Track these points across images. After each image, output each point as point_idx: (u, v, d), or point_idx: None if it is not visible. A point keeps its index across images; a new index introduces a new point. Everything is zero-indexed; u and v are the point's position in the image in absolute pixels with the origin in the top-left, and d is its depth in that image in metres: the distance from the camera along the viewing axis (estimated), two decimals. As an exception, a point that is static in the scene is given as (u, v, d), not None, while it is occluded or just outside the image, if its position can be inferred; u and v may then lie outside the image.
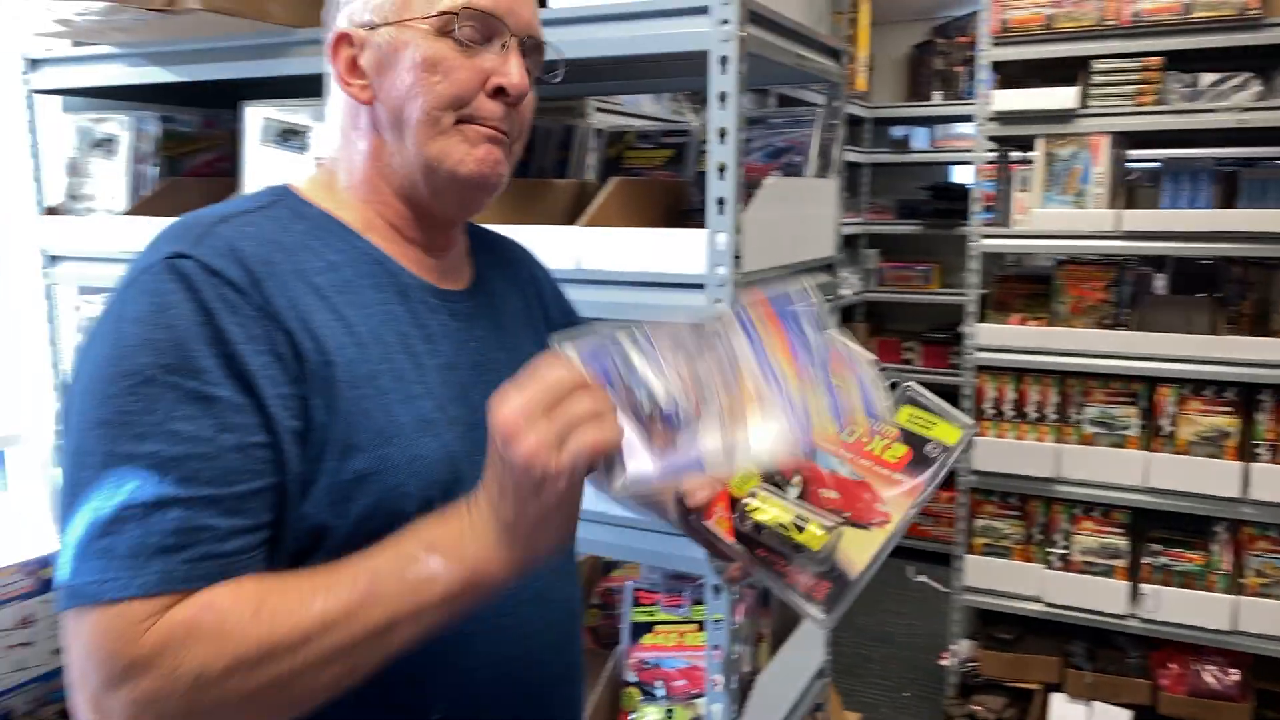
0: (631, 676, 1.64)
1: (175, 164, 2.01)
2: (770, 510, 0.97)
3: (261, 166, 1.73)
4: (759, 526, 0.97)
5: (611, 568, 1.95)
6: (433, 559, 0.78)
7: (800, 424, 0.82)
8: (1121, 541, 2.89)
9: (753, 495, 0.98)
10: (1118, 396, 2.88)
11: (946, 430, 0.95)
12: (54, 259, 2.04)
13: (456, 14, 0.92)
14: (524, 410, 0.74)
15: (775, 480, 0.99)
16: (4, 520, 2.28)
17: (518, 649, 0.98)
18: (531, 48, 0.97)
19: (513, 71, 0.93)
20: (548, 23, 1.41)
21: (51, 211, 2.03)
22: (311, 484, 0.84)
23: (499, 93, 0.93)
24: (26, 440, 2.24)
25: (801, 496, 0.97)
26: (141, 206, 1.91)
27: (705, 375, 0.80)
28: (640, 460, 0.78)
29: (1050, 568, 2.97)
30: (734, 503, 0.99)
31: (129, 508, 0.76)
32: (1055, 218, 2.90)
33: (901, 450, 0.95)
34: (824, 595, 0.94)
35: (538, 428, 0.73)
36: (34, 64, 1.99)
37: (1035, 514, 3.03)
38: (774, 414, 0.81)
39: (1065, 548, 2.97)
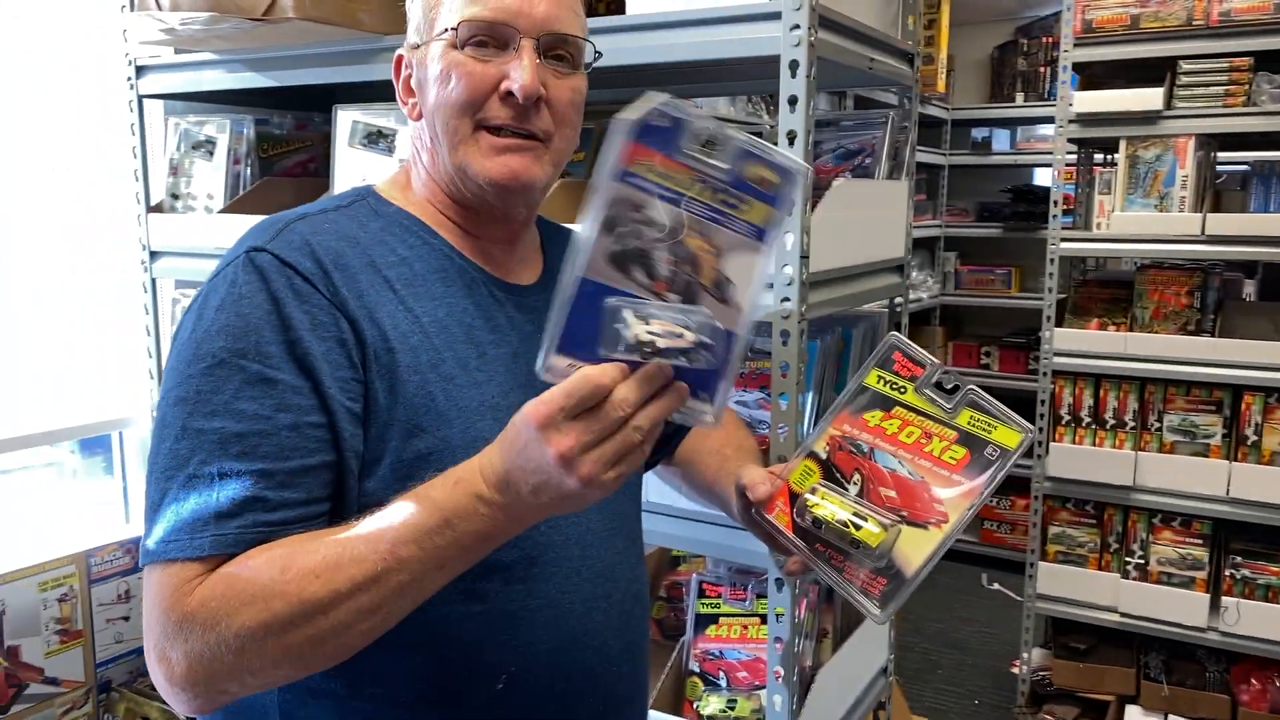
0: (695, 666, 1.68)
1: (269, 165, 2.11)
2: (829, 506, 1.00)
3: (350, 167, 1.81)
4: (818, 522, 1.00)
5: (678, 562, 1.98)
6: (451, 528, 0.80)
7: (752, 239, 0.80)
8: (1202, 552, 2.82)
9: (813, 491, 1.01)
10: (1200, 404, 2.82)
11: (1006, 434, 0.97)
12: (155, 254, 2.15)
13: (457, 28, 0.96)
14: (564, 418, 0.75)
15: (835, 477, 1.02)
16: (110, 500, 2.42)
17: (578, 625, 1.01)
18: (550, 44, 0.98)
19: (519, 74, 0.95)
20: (625, 29, 1.47)
21: (154, 209, 2.15)
22: (376, 462, 0.91)
23: (510, 95, 0.96)
24: (132, 424, 2.37)
25: (861, 494, 1.00)
26: (237, 205, 2.00)
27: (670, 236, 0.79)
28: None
29: (1127, 577, 2.92)
30: (794, 498, 1.02)
31: (195, 478, 0.84)
32: (1137, 221, 2.84)
33: (961, 452, 0.97)
34: (880, 591, 0.97)
35: (586, 443, 0.75)
36: (140, 70, 2.11)
37: (1112, 522, 2.97)
38: (733, 249, 0.80)
39: (1143, 557, 2.91)
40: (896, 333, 1.02)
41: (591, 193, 0.77)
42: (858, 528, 0.98)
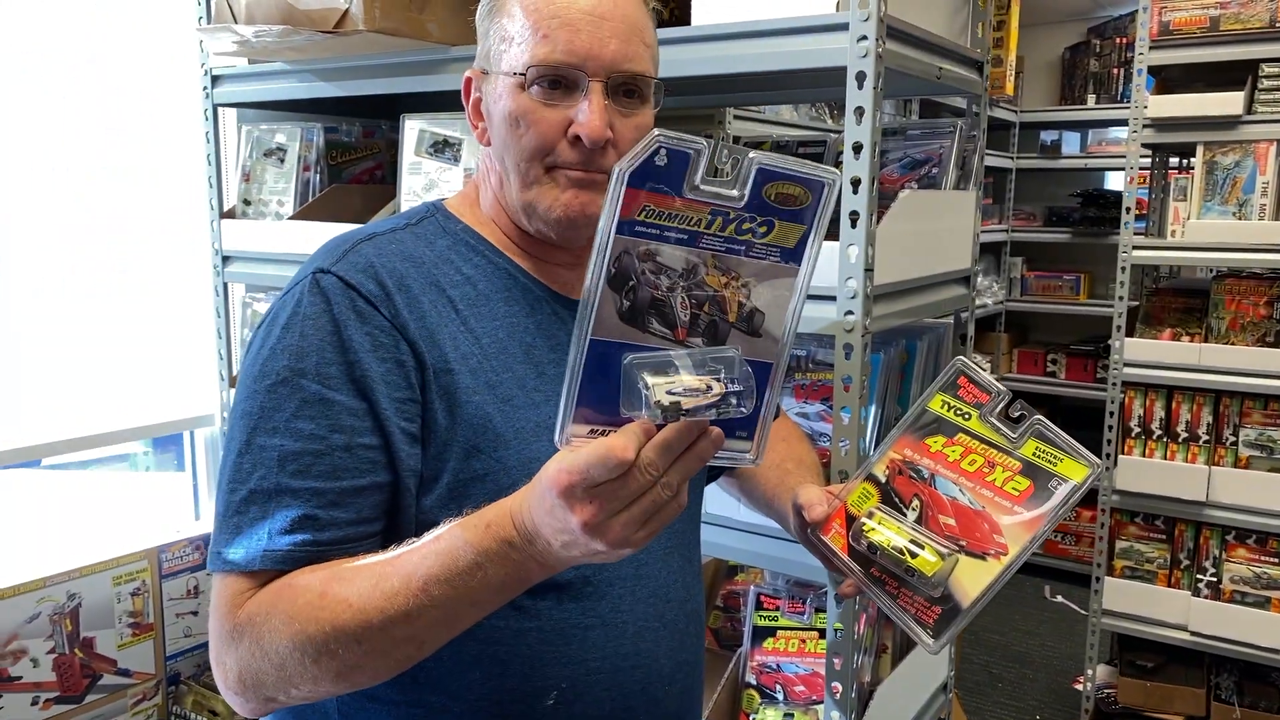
0: (752, 679, 1.67)
1: (337, 172, 2.15)
2: (886, 532, 0.98)
3: (417, 175, 1.83)
4: (873, 547, 0.98)
5: (735, 572, 1.97)
6: (483, 570, 0.79)
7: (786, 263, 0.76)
8: (1278, 571, 2.73)
9: (870, 515, 1.00)
10: (1279, 419, 2.72)
11: (1072, 467, 0.94)
12: (226, 258, 2.20)
13: (525, 74, 0.96)
14: (590, 488, 0.72)
15: (894, 502, 1.00)
16: (181, 497, 2.49)
17: (631, 644, 1.01)
18: (619, 84, 0.97)
19: (587, 119, 0.95)
20: (690, 40, 1.46)
21: (227, 215, 2.20)
22: (434, 481, 0.92)
23: (578, 139, 0.96)
24: (202, 424, 2.44)
25: (919, 521, 0.98)
26: (306, 211, 2.04)
27: (687, 275, 0.74)
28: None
29: (1198, 595, 2.84)
30: (851, 520, 1.01)
31: (255, 492, 0.88)
32: (1215, 229, 2.76)
33: (1024, 483, 0.95)
34: (934, 620, 0.95)
35: (614, 510, 0.72)
36: (216, 80, 2.16)
37: (1183, 538, 2.89)
38: (760, 278, 0.76)
39: (1215, 575, 2.83)
40: (963, 358, 1.00)
41: (593, 248, 0.72)
42: (914, 555, 0.96)
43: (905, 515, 0.99)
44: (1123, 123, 4.44)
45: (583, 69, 0.95)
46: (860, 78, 1.30)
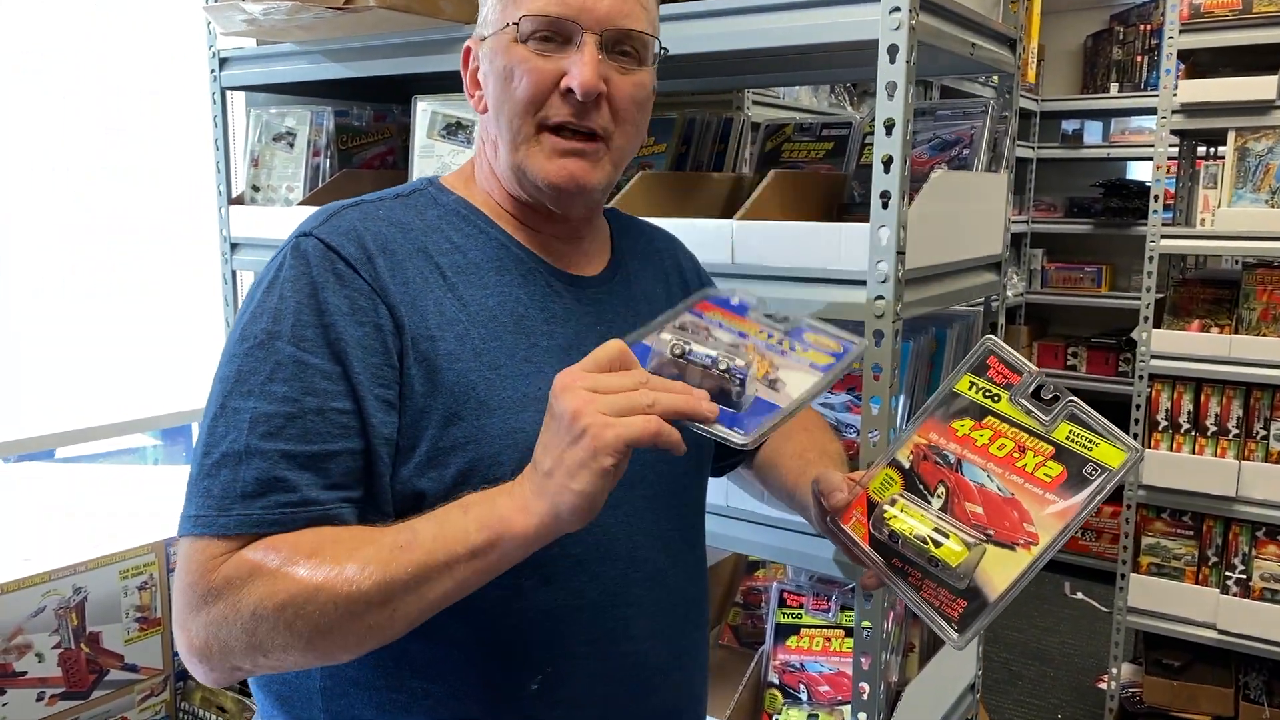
0: (775, 678, 1.62)
1: (348, 156, 2.10)
2: (909, 520, 0.93)
3: (429, 158, 1.78)
4: (895, 536, 0.93)
5: (756, 567, 1.92)
6: (465, 513, 0.81)
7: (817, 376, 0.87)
8: (1311, 569, 2.67)
9: (892, 503, 0.94)
10: (1312, 412, 2.66)
11: (1109, 452, 0.88)
12: (235, 245, 2.16)
13: (518, 24, 0.94)
14: (584, 375, 0.78)
15: (918, 489, 0.94)
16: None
17: (620, 629, 0.98)
18: (614, 39, 0.96)
19: (579, 70, 0.93)
20: (711, 14, 1.41)
21: (235, 201, 2.15)
22: (412, 450, 0.90)
23: (570, 92, 0.94)
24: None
25: (944, 508, 0.92)
26: (316, 197, 1.99)
27: (731, 346, 0.87)
28: (733, 419, 0.82)
29: (1226, 593, 2.77)
30: (872, 507, 0.95)
31: (226, 455, 0.85)
32: (1246, 217, 2.69)
33: (1056, 469, 0.89)
34: (959, 614, 0.89)
35: (595, 395, 0.77)
36: (224, 63, 2.11)
37: (1211, 534, 2.83)
38: (789, 367, 0.87)
39: (1244, 572, 2.76)
40: (993, 336, 0.94)
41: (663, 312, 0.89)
42: (938, 545, 0.90)
43: (930, 502, 0.93)
44: (1147, 111, 4.38)
45: (577, 20, 0.94)
46: (893, 51, 1.24)
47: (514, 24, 0.95)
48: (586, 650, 0.96)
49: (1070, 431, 0.89)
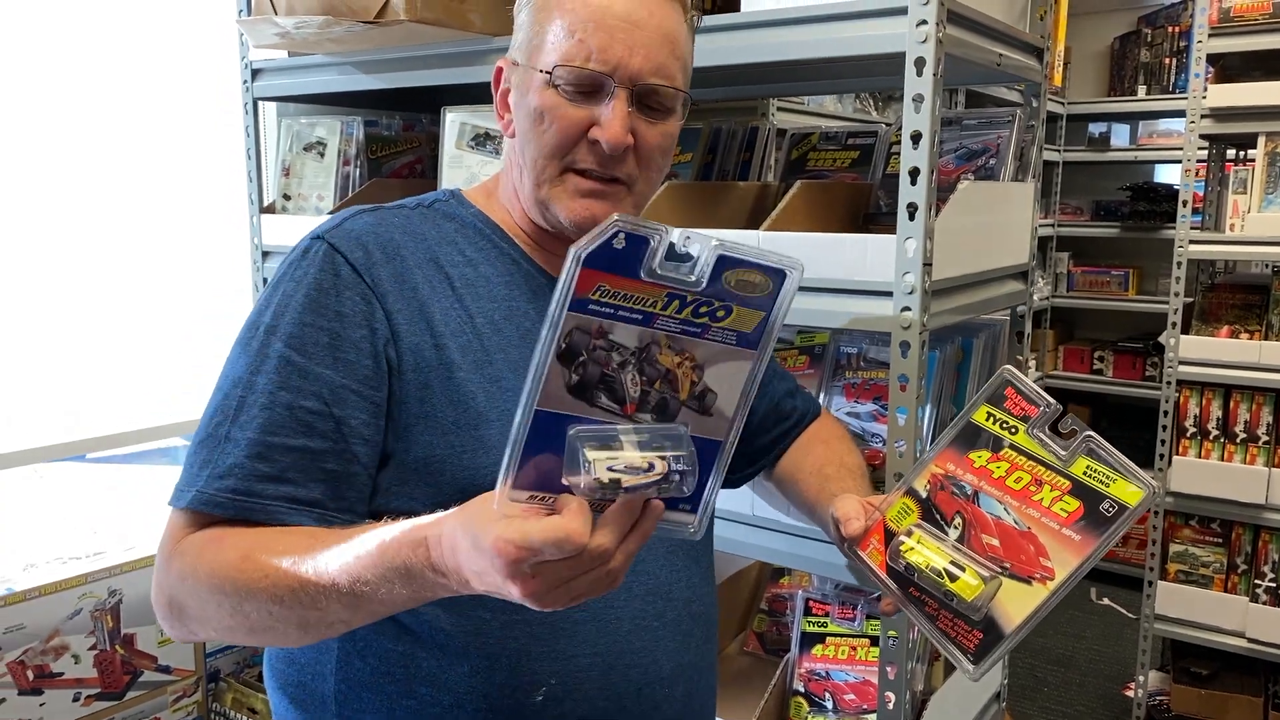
0: (800, 686, 1.62)
1: (377, 166, 2.12)
2: (925, 553, 0.93)
3: (458, 168, 1.80)
4: (911, 568, 0.93)
5: (781, 574, 1.93)
6: (391, 586, 0.78)
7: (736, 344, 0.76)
8: (1342, 578, 2.64)
9: (909, 533, 0.95)
10: (1343, 419, 2.63)
11: (1125, 489, 0.88)
12: (266, 253, 2.19)
13: (551, 73, 0.95)
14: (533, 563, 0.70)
15: (935, 519, 0.95)
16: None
17: (625, 641, 0.99)
18: (644, 94, 0.97)
19: (608, 125, 0.95)
20: (740, 27, 1.42)
21: (267, 210, 2.18)
22: (402, 455, 0.92)
23: (597, 142, 0.96)
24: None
25: (961, 540, 0.93)
26: (346, 205, 2.02)
27: (639, 359, 0.74)
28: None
29: (1256, 601, 2.75)
30: (889, 536, 0.96)
31: (208, 438, 0.91)
32: (1277, 223, 2.66)
33: (1073, 504, 0.89)
34: (975, 646, 0.91)
35: (556, 592, 0.71)
36: (256, 73, 2.14)
37: (1240, 542, 2.80)
38: (715, 360, 0.76)
39: (1274, 580, 2.74)
40: (1010, 367, 0.94)
41: (545, 323, 0.71)
42: (953, 579, 0.91)
43: (946, 534, 0.94)
44: (1175, 114, 4.34)
45: (610, 76, 0.95)
46: (920, 64, 1.24)
47: (547, 72, 0.96)
48: (590, 662, 0.97)
49: (1088, 467, 0.89)
